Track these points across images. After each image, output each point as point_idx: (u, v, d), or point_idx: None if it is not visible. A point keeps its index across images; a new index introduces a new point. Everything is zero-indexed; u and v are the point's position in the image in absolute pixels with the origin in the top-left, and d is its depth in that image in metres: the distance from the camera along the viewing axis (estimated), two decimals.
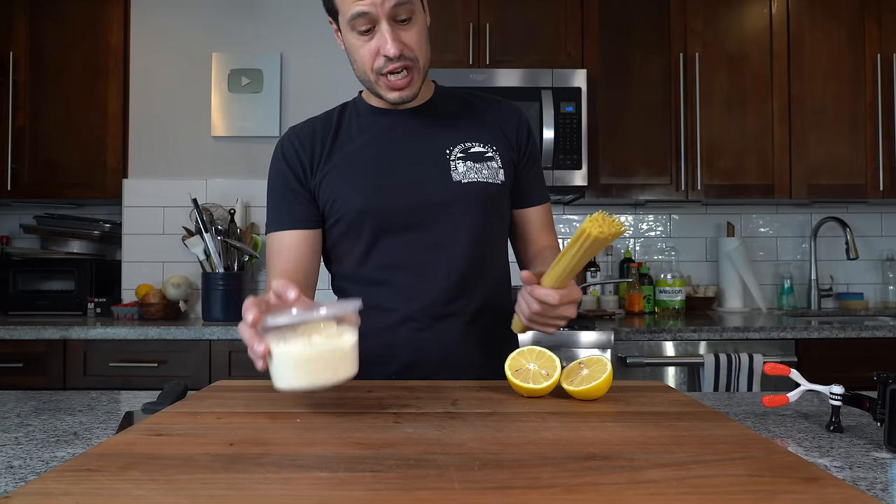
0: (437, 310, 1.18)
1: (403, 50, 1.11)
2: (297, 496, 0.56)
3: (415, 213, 1.17)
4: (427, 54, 1.17)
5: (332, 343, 0.82)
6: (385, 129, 1.22)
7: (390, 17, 1.09)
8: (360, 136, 1.22)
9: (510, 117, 1.27)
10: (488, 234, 1.22)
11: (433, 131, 1.22)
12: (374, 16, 1.08)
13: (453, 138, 1.22)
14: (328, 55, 2.89)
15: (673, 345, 2.32)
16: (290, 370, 0.81)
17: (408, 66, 1.13)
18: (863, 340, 2.34)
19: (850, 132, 2.74)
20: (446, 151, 1.20)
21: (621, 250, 3.06)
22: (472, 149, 1.21)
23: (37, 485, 0.58)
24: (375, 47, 1.11)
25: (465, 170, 1.19)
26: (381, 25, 1.09)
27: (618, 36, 2.72)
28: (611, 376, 0.91)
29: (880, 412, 0.82)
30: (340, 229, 1.20)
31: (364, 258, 1.20)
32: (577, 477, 0.60)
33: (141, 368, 2.32)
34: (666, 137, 2.72)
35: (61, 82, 2.75)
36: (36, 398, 1.13)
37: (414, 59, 1.13)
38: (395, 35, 1.10)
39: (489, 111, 1.27)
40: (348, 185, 1.18)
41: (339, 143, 1.22)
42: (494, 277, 1.25)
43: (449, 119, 1.24)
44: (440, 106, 1.25)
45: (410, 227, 1.17)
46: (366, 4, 1.08)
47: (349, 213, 1.18)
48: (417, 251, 1.17)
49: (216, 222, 2.67)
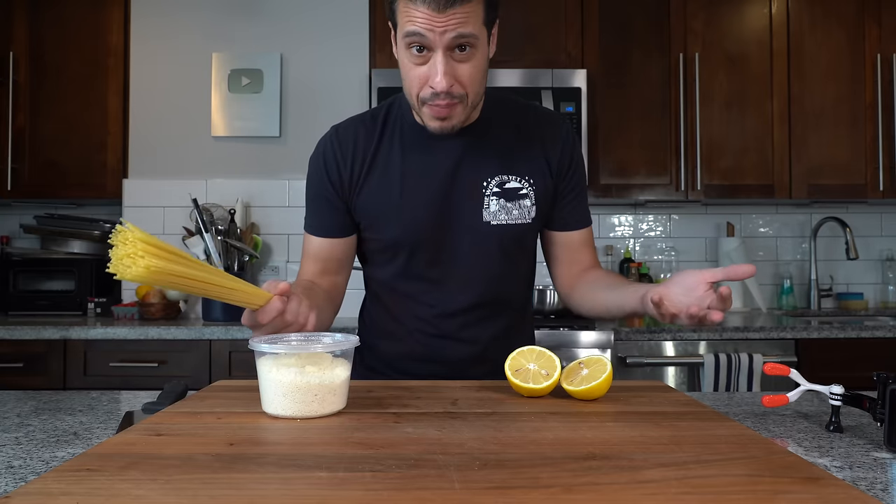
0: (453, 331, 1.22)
1: (453, 87, 1.04)
2: (297, 496, 0.56)
3: (441, 248, 1.20)
4: (479, 91, 1.10)
5: (323, 376, 0.83)
6: (425, 155, 1.18)
7: (448, 47, 1.01)
8: (400, 157, 1.18)
9: (556, 141, 1.22)
10: (509, 268, 1.24)
11: (473, 158, 1.18)
12: (430, 41, 1.01)
13: (492, 168, 1.18)
14: (328, 55, 2.89)
15: (673, 345, 2.32)
16: (279, 398, 0.82)
17: (453, 103, 1.06)
18: (863, 340, 2.34)
19: (850, 132, 2.74)
20: (483, 184, 1.18)
21: (621, 250, 3.06)
22: (508, 184, 1.18)
23: (37, 485, 0.58)
24: (426, 75, 1.04)
25: (497, 209, 1.18)
26: (437, 56, 1.02)
27: (618, 36, 2.72)
28: (611, 376, 0.91)
29: (880, 412, 0.82)
30: (374, 246, 1.24)
31: (394, 274, 1.23)
32: (576, 477, 0.60)
33: (141, 368, 2.32)
34: (666, 137, 2.72)
35: (61, 82, 2.75)
36: (36, 398, 1.13)
37: (462, 95, 1.06)
38: (449, 68, 1.03)
39: (538, 134, 1.21)
40: (383, 213, 1.19)
41: (378, 161, 1.19)
42: (513, 306, 1.28)
43: (493, 145, 1.19)
44: (486, 127, 1.19)
45: (434, 262, 1.20)
46: (424, 27, 0.99)
47: (382, 239, 1.21)
48: (438, 279, 1.21)
49: (216, 222, 2.67)
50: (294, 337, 0.90)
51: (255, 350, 0.84)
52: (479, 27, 1.03)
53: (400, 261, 1.21)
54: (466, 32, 1.00)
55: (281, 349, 0.83)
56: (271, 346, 0.84)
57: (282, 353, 0.83)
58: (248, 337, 2.23)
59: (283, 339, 0.88)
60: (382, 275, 1.26)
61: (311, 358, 0.84)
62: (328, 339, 0.89)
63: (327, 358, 0.85)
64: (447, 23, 0.99)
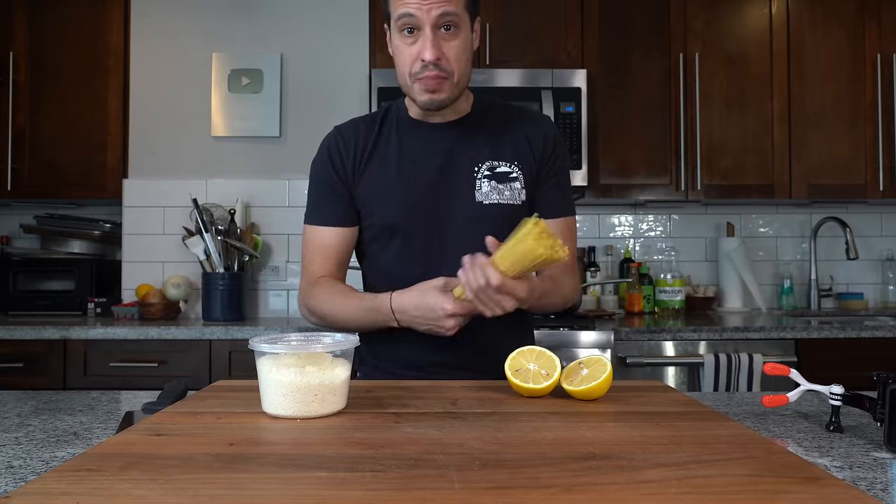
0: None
1: (441, 59, 1.17)
2: (297, 496, 0.56)
3: (437, 229, 1.26)
4: (465, 71, 1.22)
5: (323, 376, 0.83)
6: (421, 142, 1.29)
7: (434, 24, 1.16)
8: (397, 145, 1.29)
9: (540, 132, 1.32)
10: None
11: (466, 147, 1.28)
12: (419, 20, 1.16)
13: (484, 155, 1.28)
14: (328, 55, 2.89)
15: (673, 345, 2.32)
16: (279, 398, 0.82)
17: (442, 77, 1.18)
18: (863, 340, 2.34)
19: (850, 132, 2.74)
20: (475, 169, 1.27)
21: (621, 250, 3.06)
22: (499, 168, 1.28)
23: (37, 485, 0.58)
24: (416, 51, 1.18)
25: (489, 190, 1.27)
26: (425, 31, 1.16)
27: (618, 36, 2.72)
28: (611, 376, 0.91)
29: (880, 412, 0.82)
30: (373, 232, 1.30)
31: (391, 260, 1.29)
32: (576, 477, 0.60)
33: (141, 368, 2.32)
34: (666, 137, 2.72)
35: (61, 82, 2.74)
36: (36, 398, 1.13)
37: (450, 71, 1.19)
38: (436, 42, 1.17)
39: (522, 126, 1.32)
40: (381, 195, 1.27)
41: (378, 150, 1.30)
42: None
43: (483, 135, 1.30)
44: (476, 121, 1.31)
45: (431, 243, 1.26)
46: (413, 6, 1.15)
47: (380, 223, 1.28)
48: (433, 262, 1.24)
49: (216, 222, 2.67)
50: (294, 337, 0.90)
51: (255, 350, 0.84)
52: (461, 10, 1.18)
53: (397, 244, 1.27)
54: (451, 10, 1.16)
55: (281, 349, 0.83)
56: (271, 346, 0.84)
57: (282, 353, 0.83)
58: (248, 337, 2.23)
59: (283, 339, 0.88)
60: (380, 264, 1.30)
61: (311, 358, 0.84)
62: (328, 339, 0.89)
63: (327, 358, 0.85)
64: (432, 2, 1.15)
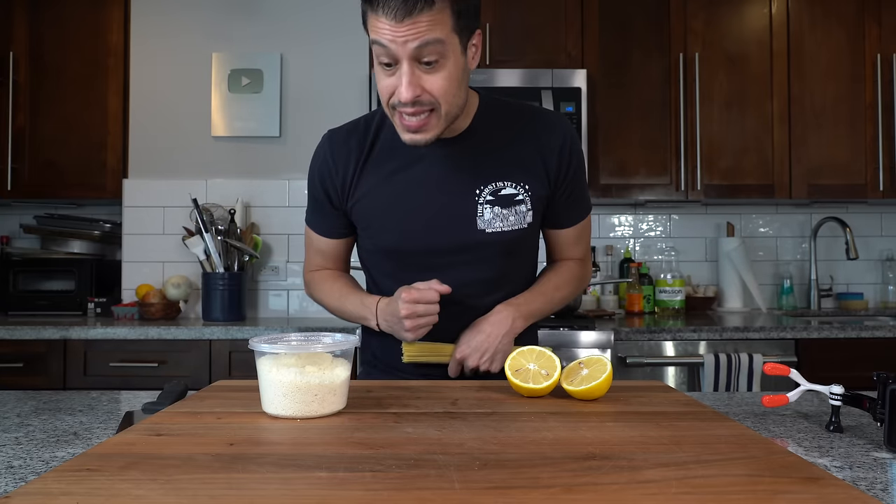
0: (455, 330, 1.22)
1: (421, 95, 1.02)
2: (297, 496, 0.56)
3: (435, 256, 1.19)
4: (455, 100, 1.07)
5: (323, 376, 0.83)
6: (417, 159, 1.17)
7: (413, 57, 1.00)
8: (392, 161, 1.18)
9: (554, 144, 1.18)
10: (506, 272, 1.23)
11: (465, 166, 1.16)
12: (394, 53, 1.00)
13: (486, 175, 1.16)
14: (328, 55, 2.88)
15: (673, 345, 2.32)
16: (279, 398, 0.82)
17: (425, 111, 1.05)
18: (863, 340, 2.34)
19: (850, 132, 2.74)
20: (476, 192, 1.16)
21: (621, 250, 3.06)
22: (503, 191, 1.16)
23: (37, 485, 0.58)
24: (393, 86, 1.03)
25: (491, 217, 1.16)
26: (402, 66, 1.01)
27: (618, 36, 2.72)
28: (611, 376, 0.91)
29: (880, 412, 0.82)
30: (371, 247, 1.26)
31: (388, 276, 1.25)
32: (576, 477, 0.60)
33: (141, 368, 2.31)
34: (666, 137, 2.72)
35: (61, 82, 2.74)
36: (36, 398, 1.13)
37: (434, 103, 1.04)
38: (414, 78, 1.01)
39: (534, 138, 1.18)
40: (376, 222, 1.21)
41: (371, 164, 1.19)
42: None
43: (485, 151, 1.17)
44: (479, 134, 1.17)
45: (430, 267, 1.18)
46: (386, 38, 0.99)
47: (376, 245, 1.24)
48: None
49: (216, 222, 2.67)
50: (294, 337, 0.90)
51: (255, 350, 0.84)
52: (447, 34, 1.00)
53: (394, 265, 1.23)
54: (431, 39, 0.98)
55: (281, 349, 0.83)
56: (271, 346, 0.84)
57: (282, 353, 0.83)
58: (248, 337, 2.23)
59: (283, 339, 0.88)
60: (378, 273, 1.28)
61: (311, 358, 0.84)
62: (328, 339, 0.89)
63: (327, 358, 0.85)
64: (407, 33, 0.97)
